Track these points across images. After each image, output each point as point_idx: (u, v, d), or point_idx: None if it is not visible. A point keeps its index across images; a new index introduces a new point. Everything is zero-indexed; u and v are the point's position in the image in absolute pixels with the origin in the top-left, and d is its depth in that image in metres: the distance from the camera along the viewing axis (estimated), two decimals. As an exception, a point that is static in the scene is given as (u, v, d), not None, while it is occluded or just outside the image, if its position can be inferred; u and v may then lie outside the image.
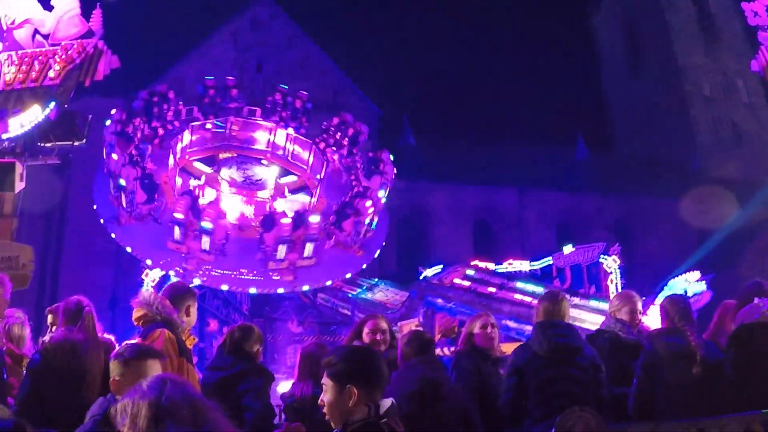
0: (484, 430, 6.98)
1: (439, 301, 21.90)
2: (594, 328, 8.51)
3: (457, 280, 22.69)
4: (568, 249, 27.92)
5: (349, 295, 25.01)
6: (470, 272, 23.57)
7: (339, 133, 25.88)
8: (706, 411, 6.60)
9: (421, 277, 25.28)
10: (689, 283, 22.93)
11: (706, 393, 6.84)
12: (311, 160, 25.16)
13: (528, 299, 20.86)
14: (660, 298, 8.79)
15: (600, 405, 6.42)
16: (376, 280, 26.31)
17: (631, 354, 7.55)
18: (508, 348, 8.60)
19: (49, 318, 8.37)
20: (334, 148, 25.82)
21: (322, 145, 25.75)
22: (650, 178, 48.05)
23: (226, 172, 24.28)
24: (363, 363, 3.87)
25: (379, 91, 44.70)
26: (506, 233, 44.80)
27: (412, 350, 6.94)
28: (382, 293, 25.14)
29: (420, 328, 16.41)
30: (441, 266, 25.81)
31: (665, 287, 22.87)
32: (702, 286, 23.04)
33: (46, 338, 7.20)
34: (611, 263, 26.27)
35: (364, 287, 25.37)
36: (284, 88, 27.22)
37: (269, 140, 25.40)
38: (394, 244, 42.55)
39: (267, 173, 24.96)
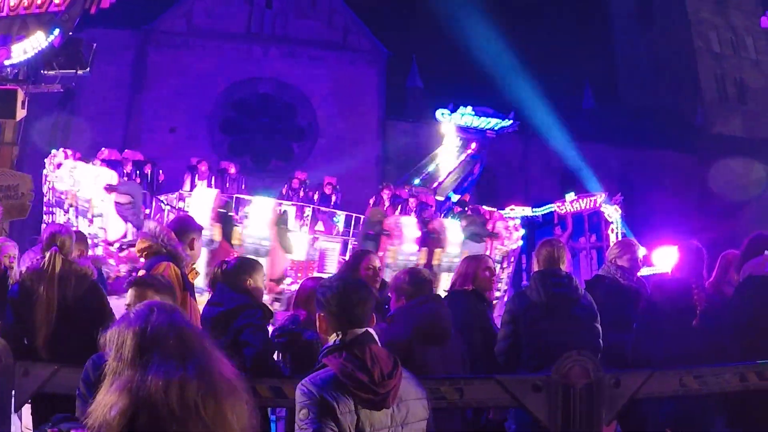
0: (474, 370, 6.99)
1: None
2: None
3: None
4: (570, 197, 28.00)
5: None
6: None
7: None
8: (704, 361, 6.66)
9: None
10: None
11: (706, 343, 6.88)
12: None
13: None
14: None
15: (595, 354, 6.42)
16: None
17: (630, 301, 7.60)
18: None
19: None
20: None
21: None
22: (655, 130, 48.10)
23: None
24: (332, 294, 4.02)
25: (388, 32, 44.38)
26: (510, 180, 44.82)
27: (415, 288, 6.87)
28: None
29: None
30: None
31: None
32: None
33: (23, 268, 7.16)
34: (613, 212, 26.36)
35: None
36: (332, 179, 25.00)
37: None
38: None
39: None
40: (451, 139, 26.88)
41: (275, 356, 7.61)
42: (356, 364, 3.74)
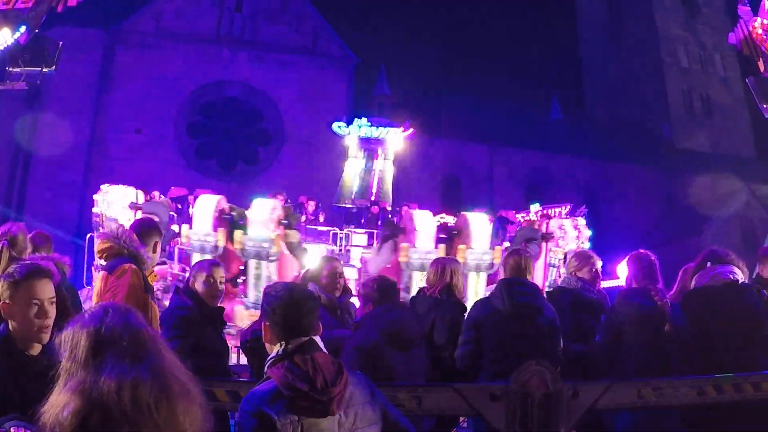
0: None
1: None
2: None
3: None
4: (535, 208, 28.04)
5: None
6: None
7: None
8: (669, 371, 6.76)
9: None
10: None
11: (671, 353, 7.00)
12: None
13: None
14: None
15: (555, 365, 6.44)
16: None
17: (592, 312, 7.64)
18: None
19: None
20: None
21: None
22: (621, 144, 48.45)
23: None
24: (276, 303, 4.00)
25: (358, 39, 44.55)
26: (475, 189, 44.97)
27: (381, 295, 6.89)
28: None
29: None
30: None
31: None
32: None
33: None
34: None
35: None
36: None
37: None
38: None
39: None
40: (355, 152, 27.19)
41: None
42: (297, 374, 3.74)
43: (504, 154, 46.28)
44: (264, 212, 15.15)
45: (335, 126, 26.73)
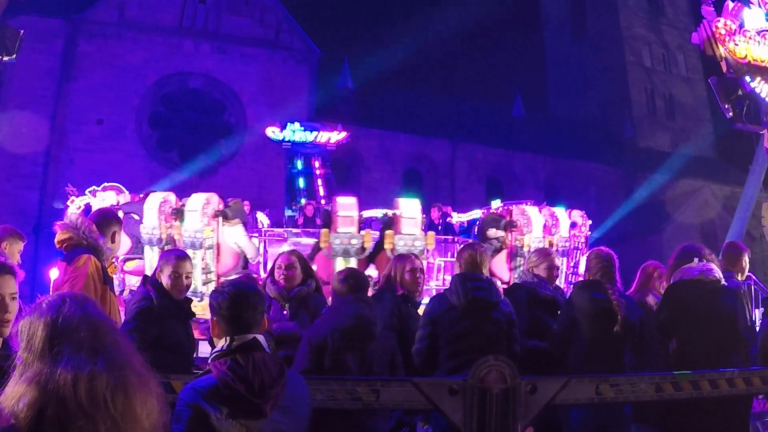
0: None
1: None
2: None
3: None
4: (496, 203, 28.03)
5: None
6: None
7: None
8: (622, 366, 6.95)
9: None
10: None
11: (623, 349, 7.18)
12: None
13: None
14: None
15: (512, 359, 6.45)
16: None
17: (547, 308, 7.72)
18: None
19: None
20: None
21: None
22: (583, 141, 48.70)
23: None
24: (223, 299, 4.13)
25: (321, 32, 44.43)
26: (436, 183, 45.00)
27: (347, 287, 6.85)
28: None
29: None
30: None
31: None
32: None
33: None
34: (537, 221, 26.47)
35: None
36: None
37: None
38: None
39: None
40: (292, 156, 27.18)
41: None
42: (237, 373, 3.84)
43: (466, 150, 46.30)
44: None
45: (269, 131, 26.51)
